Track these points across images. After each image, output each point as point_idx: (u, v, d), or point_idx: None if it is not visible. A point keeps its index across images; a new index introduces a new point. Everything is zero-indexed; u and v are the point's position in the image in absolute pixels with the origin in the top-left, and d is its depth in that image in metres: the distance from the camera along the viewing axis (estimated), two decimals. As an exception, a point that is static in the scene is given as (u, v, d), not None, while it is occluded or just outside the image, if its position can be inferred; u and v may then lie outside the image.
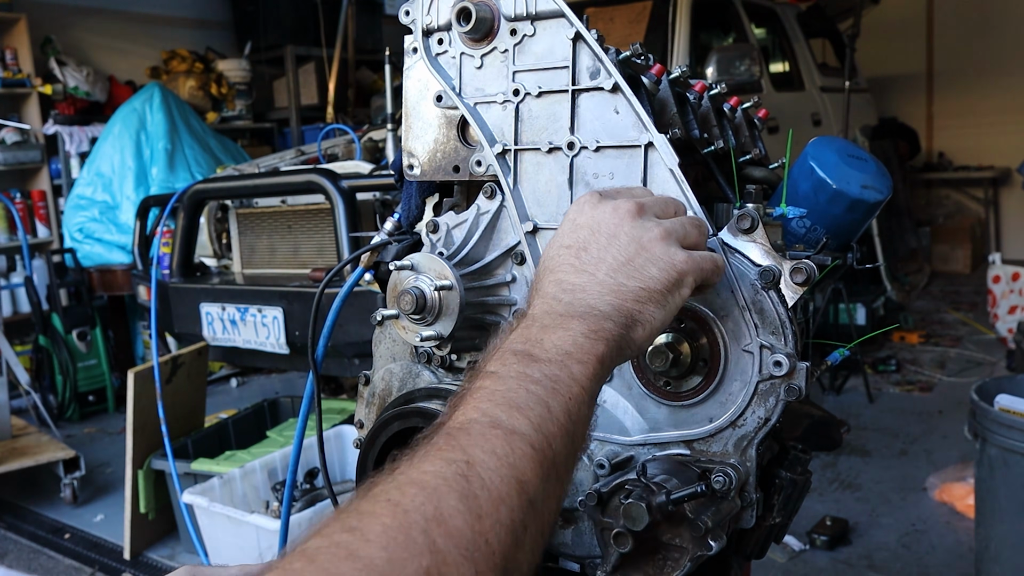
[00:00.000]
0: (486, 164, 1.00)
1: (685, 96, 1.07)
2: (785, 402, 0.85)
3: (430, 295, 0.94)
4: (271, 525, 2.46)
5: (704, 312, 0.87)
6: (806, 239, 1.06)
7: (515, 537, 0.51)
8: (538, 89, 0.96)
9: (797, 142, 1.14)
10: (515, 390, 0.58)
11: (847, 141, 1.13)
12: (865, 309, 5.11)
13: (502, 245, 1.00)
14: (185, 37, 7.00)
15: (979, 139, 8.07)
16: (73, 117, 5.77)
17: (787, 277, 0.85)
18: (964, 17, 8.02)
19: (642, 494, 0.83)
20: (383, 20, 7.16)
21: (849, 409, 4.35)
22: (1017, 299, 5.33)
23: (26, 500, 3.85)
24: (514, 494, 0.52)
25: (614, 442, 0.94)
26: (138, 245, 4.07)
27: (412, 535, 0.46)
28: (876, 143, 6.61)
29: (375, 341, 1.12)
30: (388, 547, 0.45)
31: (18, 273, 5.34)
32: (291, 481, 1.38)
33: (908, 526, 3.13)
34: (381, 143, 4.16)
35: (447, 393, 0.99)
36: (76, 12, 6.27)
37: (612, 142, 0.93)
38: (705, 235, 0.82)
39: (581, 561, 0.99)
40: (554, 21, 0.94)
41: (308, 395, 1.21)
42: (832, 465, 3.69)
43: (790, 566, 2.88)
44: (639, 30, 4.58)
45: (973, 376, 4.67)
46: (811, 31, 6.23)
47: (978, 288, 6.72)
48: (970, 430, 2.40)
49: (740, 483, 0.87)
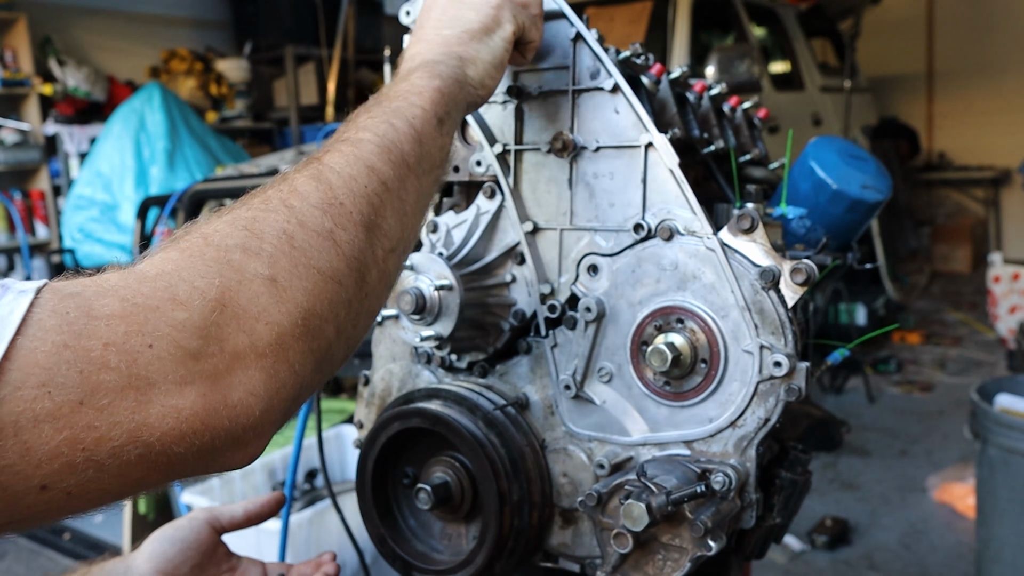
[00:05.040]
0: (486, 164, 1.00)
1: (685, 96, 1.07)
2: (785, 402, 0.85)
3: (430, 295, 0.94)
4: (271, 525, 2.46)
5: (704, 312, 0.87)
6: (806, 239, 1.06)
7: (371, 205, 0.62)
8: (538, 89, 0.96)
9: (797, 142, 1.14)
10: (362, 121, 0.68)
11: (847, 141, 1.13)
12: (865, 309, 5.10)
13: (502, 245, 1.00)
14: (185, 37, 7.00)
15: (979, 139, 8.07)
16: (73, 117, 5.77)
17: (787, 277, 0.84)
18: (964, 17, 8.02)
19: (642, 494, 0.82)
20: (383, 20, 7.16)
21: (849, 409, 4.35)
22: (1017, 299, 5.33)
23: (26, 500, 3.84)
24: (363, 173, 0.63)
25: (614, 442, 0.94)
26: (138, 245, 4.06)
27: (271, 201, 0.58)
28: (876, 143, 6.61)
29: (375, 341, 1.12)
30: (253, 207, 0.58)
31: (17, 273, 5.34)
32: (291, 481, 1.39)
33: (908, 526, 3.12)
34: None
35: (447, 393, 0.99)
36: (76, 12, 6.27)
37: (612, 142, 0.93)
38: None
39: (581, 561, 0.99)
40: (554, 21, 0.94)
41: (308, 395, 1.20)
42: (832, 465, 3.69)
43: (790, 566, 2.88)
44: (639, 30, 4.58)
45: (973, 376, 4.66)
46: (811, 31, 6.23)
47: (978, 288, 6.72)
48: (970, 430, 2.40)
49: (740, 483, 0.87)
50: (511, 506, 0.94)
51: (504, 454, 0.94)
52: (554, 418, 0.98)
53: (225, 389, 0.50)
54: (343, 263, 0.58)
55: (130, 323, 0.48)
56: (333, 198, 0.60)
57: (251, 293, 0.52)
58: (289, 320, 0.53)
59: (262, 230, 0.55)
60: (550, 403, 0.98)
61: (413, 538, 1.03)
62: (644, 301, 0.91)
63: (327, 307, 0.56)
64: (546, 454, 0.98)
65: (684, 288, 0.89)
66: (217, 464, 0.53)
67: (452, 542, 1.02)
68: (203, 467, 0.52)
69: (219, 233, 0.55)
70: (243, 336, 0.51)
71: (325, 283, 0.56)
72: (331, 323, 0.57)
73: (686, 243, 0.89)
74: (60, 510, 0.48)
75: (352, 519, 1.12)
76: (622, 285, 0.92)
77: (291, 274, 0.54)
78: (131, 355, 0.47)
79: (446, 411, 0.96)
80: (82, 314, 0.47)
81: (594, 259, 0.94)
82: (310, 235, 0.57)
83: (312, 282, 0.55)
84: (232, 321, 0.51)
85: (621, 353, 0.93)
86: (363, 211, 0.61)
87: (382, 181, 0.64)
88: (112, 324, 0.47)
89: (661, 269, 0.90)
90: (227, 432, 0.50)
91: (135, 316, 0.48)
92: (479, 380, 1.03)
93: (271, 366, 0.52)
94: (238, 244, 0.54)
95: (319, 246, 0.57)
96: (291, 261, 0.55)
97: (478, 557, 0.95)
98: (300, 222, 0.57)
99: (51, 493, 0.46)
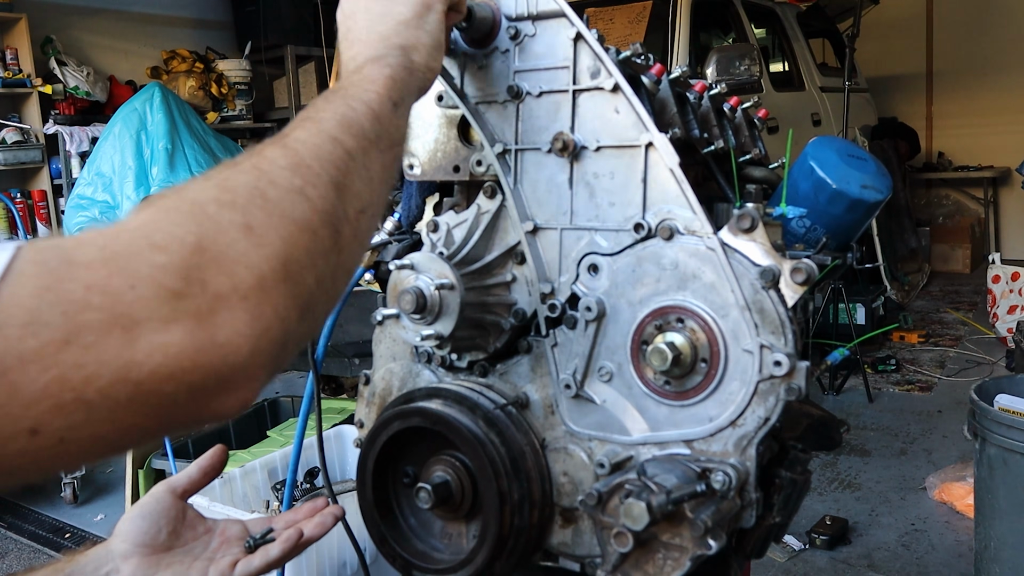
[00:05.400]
0: (486, 164, 1.00)
1: (685, 96, 1.08)
2: (785, 402, 0.85)
3: (430, 294, 0.94)
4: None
5: (704, 311, 0.88)
6: (806, 239, 1.06)
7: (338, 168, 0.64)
8: (539, 89, 0.96)
9: (797, 142, 1.14)
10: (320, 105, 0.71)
11: (847, 141, 1.13)
12: (865, 309, 5.11)
13: (502, 245, 1.00)
14: (185, 37, 7.00)
15: (979, 139, 8.07)
16: (73, 117, 5.76)
17: (787, 277, 0.85)
18: (964, 17, 8.02)
19: (642, 493, 0.83)
20: (383, 20, 7.15)
21: (849, 409, 4.35)
22: (1017, 299, 5.33)
23: (26, 500, 3.85)
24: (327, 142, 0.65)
25: (614, 441, 0.94)
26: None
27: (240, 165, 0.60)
28: (876, 143, 6.61)
29: (375, 341, 1.12)
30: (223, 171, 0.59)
31: (18, 273, 5.33)
32: (291, 481, 1.39)
33: (908, 526, 3.13)
34: (381, 143, 4.15)
35: (448, 392, 0.99)
36: (76, 12, 6.27)
37: (612, 142, 0.93)
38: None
39: (581, 561, 0.99)
40: (555, 21, 0.95)
41: (308, 395, 1.21)
42: (832, 465, 3.69)
43: (790, 565, 2.88)
44: (639, 30, 4.59)
45: (973, 376, 4.66)
46: (811, 31, 6.23)
47: (978, 288, 6.72)
48: (969, 430, 2.41)
49: (740, 482, 0.87)
50: (511, 505, 0.94)
51: (504, 453, 0.95)
52: (554, 417, 0.98)
53: (211, 328, 0.50)
54: (316, 216, 0.59)
55: (111, 267, 0.48)
56: (300, 161, 0.62)
57: (228, 239, 0.53)
58: (268, 265, 0.54)
59: (234, 187, 0.57)
60: (550, 402, 0.99)
61: (413, 537, 1.04)
62: (644, 300, 0.91)
63: (304, 255, 0.57)
64: (546, 453, 0.99)
65: (684, 287, 0.89)
66: (210, 408, 0.53)
67: (452, 541, 1.02)
68: (196, 411, 0.52)
69: (192, 190, 0.56)
70: (224, 278, 0.52)
71: (300, 232, 0.57)
72: (310, 271, 0.58)
73: (686, 243, 0.89)
74: (53, 459, 0.48)
75: (352, 518, 1.12)
76: (622, 284, 0.92)
77: (266, 224, 0.56)
78: (113, 296, 0.48)
79: (447, 410, 0.96)
80: (62, 262, 0.48)
81: (594, 258, 0.94)
82: (281, 191, 0.58)
83: (288, 231, 0.56)
84: (212, 264, 0.52)
85: (621, 352, 0.93)
86: (331, 173, 0.63)
87: (346, 150, 0.66)
88: (93, 268, 0.48)
89: (661, 268, 0.90)
90: (216, 372, 0.51)
91: (115, 261, 0.49)
92: (479, 379, 1.03)
93: (254, 307, 0.52)
94: (212, 198, 0.55)
95: (291, 200, 0.58)
96: (265, 212, 0.56)
97: (478, 556, 0.95)
98: (271, 181, 0.58)
99: (42, 438, 0.46)
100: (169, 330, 0.49)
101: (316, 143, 0.64)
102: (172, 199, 0.55)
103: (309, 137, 0.65)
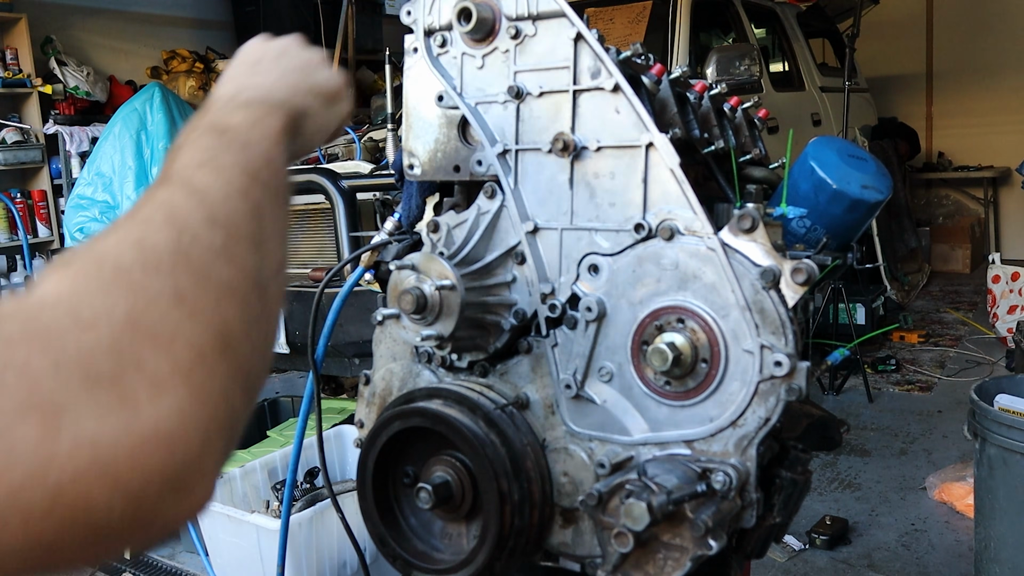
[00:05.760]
0: (487, 164, 1.00)
1: (685, 96, 1.08)
2: (785, 402, 0.85)
3: (431, 295, 0.94)
4: (271, 525, 2.46)
5: (705, 311, 0.88)
6: (806, 239, 1.06)
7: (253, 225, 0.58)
8: (539, 89, 0.96)
9: (797, 142, 1.14)
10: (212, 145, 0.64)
11: (847, 141, 1.13)
12: (865, 309, 5.11)
13: (503, 245, 1.00)
14: (185, 37, 7.00)
15: (979, 139, 8.07)
16: (73, 117, 5.77)
17: (787, 277, 0.85)
18: (964, 17, 8.02)
19: (643, 494, 0.83)
20: (383, 20, 7.16)
21: (849, 409, 4.35)
22: (1017, 299, 5.33)
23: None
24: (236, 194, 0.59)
25: (614, 442, 0.94)
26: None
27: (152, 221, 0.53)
28: (876, 143, 6.61)
29: (375, 341, 1.12)
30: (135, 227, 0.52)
31: (19, 273, 5.34)
32: (291, 481, 1.39)
33: (908, 526, 3.13)
34: (381, 143, 4.15)
35: (448, 393, 0.99)
36: (76, 12, 6.27)
37: (613, 142, 0.93)
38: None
39: (581, 561, 0.99)
40: (555, 21, 0.95)
41: (308, 395, 1.21)
42: (832, 465, 3.69)
43: (790, 565, 2.88)
44: (639, 30, 4.59)
45: (973, 376, 4.66)
46: (811, 31, 6.23)
47: (978, 288, 6.72)
48: (969, 430, 2.41)
49: (740, 483, 0.87)
50: (512, 505, 0.94)
51: (505, 453, 0.95)
52: (555, 417, 0.98)
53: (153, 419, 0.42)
54: (243, 278, 0.53)
55: (32, 346, 0.41)
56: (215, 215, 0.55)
57: (160, 311, 0.46)
58: (205, 338, 0.47)
59: (155, 246, 0.50)
60: (551, 402, 0.99)
61: (414, 537, 1.04)
62: (645, 301, 0.91)
63: (238, 323, 0.51)
64: (547, 453, 0.99)
65: (685, 288, 0.89)
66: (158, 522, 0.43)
67: (453, 541, 1.02)
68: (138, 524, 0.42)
69: (111, 254, 0.49)
70: (161, 357, 0.44)
71: (231, 298, 0.51)
72: (246, 341, 0.51)
73: (687, 243, 0.89)
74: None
75: (352, 518, 1.12)
76: (623, 285, 0.92)
77: (196, 291, 0.49)
78: (33, 377, 0.40)
79: (447, 410, 0.96)
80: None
81: (595, 259, 0.94)
82: (204, 251, 0.52)
83: (218, 298, 0.50)
84: (146, 341, 0.45)
85: (622, 353, 0.93)
86: (248, 229, 0.57)
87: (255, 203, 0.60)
88: (12, 346, 0.41)
89: (662, 269, 0.90)
90: (162, 471, 0.42)
91: (37, 340, 0.42)
92: (480, 380, 1.03)
93: (198, 388, 0.45)
94: (135, 261, 0.49)
95: (217, 262, 0.52)
96: (193, 277, 0.50)
97: (479, 556, 0.95)
98: (193, 238, 0.52)
99: None
100: (100, 420, 0.40)
101: (226, 193, 0.58)
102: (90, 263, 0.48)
103: (217, 184, 0.58)
